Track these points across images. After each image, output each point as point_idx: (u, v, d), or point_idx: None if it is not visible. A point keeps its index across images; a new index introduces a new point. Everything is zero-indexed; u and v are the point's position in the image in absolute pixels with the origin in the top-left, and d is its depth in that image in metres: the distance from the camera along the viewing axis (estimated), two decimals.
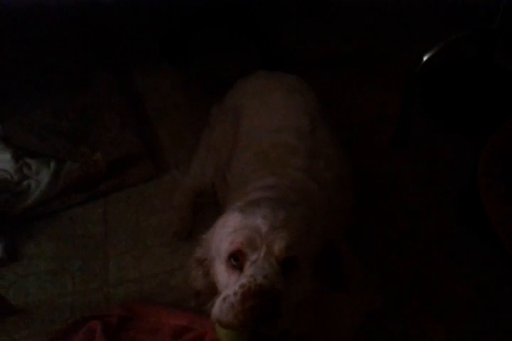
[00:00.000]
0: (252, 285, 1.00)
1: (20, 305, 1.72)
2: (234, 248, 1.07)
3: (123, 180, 2.00)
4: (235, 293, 1.01)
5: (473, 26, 1.85)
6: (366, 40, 2.38)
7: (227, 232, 1.12)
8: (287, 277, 1.05)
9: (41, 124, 2.19)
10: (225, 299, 1.03)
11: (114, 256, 1.84)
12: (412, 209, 1.87)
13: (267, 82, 1.80)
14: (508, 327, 1.58)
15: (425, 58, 1.66)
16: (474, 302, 1.63)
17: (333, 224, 1.30)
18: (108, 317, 1.64)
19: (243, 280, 1.02)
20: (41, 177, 1.97)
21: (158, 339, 1.60)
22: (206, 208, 1.90)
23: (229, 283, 1.07)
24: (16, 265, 1.84)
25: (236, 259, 1.08)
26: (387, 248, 1.77)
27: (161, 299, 1.70)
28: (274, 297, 0.99)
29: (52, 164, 2.00)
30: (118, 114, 2.20)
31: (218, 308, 1.05)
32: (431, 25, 2.31)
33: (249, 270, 1.04)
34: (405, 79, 1.76)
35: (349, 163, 1.67)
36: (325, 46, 2.37)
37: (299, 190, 1.36)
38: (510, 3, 1.64)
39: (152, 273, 1.78)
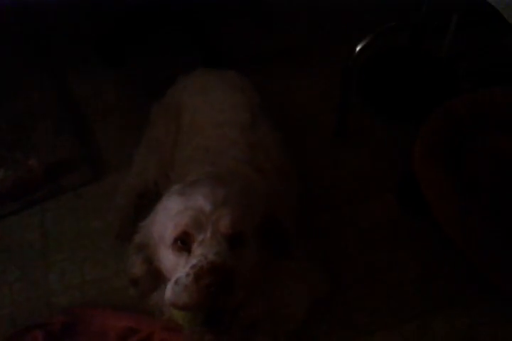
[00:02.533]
0: (204, 263, 1.02)
1: None
2: (179, 231, 1.08)
3: (60, 185, 1.94)
4: (188, 274, 1.02)
5: (403, 16, 1.92)
6: (302, 36, 2.42)
7: (169, 216, 1.12)
8: (235, 252, 1.07)
9: None
10: (177, 282, 1.04)
11: (54, 263, 1.78)
12: (354, 197, 1.90)
13: (208, 78, 1.81)
14: (448, 306, 1.63)
15: (358, 48, 1.71)
16: (416, 284, 1.68)
17: (276, 207, 1.31)
18: (50, 325, 1.59)
19: (193, 260, 1.03)
20: None
21: None
22: (149, 210, 1.87)
23: (178, 266, 1.08)
24: None
25: (183, 242, 1.08)
26: (330, 236, 1.79)
27: (106, 302, 1.66)
28: (227, 272, 1.01)
29: None
30: (53, 118, 2.13)
31: (171, 292, 1.06)
32: (365, 20, 2.38)
33: (198, 250, 1.05)
34: (341, 70, 1.79)
35: (289, 155, 1.68)
36: (261, 43, 2.39)
37: (238, 177, 1.37)
38: None
39: (95, 277, 1.74)
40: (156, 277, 1.19)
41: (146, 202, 1.85)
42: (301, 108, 2.20)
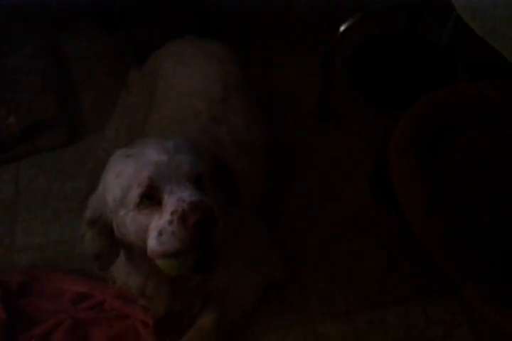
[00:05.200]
0: (185, 205, 1.03)
1: None
2: (144, 187, 1.07)
3: (37, 144, 1.95)
4: (171, 221, 1.03)
5: None
6: (302, 12, 2.35)
7: (127, 178, 1.10)
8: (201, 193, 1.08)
9: None
10: (160, 232, 1.05)
11: (21, 221, 1.81)
12: (329, 182, 1.86)
13: (189, 47, 1.77)
14: (404, 301, 1.60)
15: (341, 29, 1.64)
16: (376, 275, 1.65)
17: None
18: (7, 283, 1.61)
19: (171, 208, 1.04)
20: None
21: (58, 304, 1.58)
22: None
23: (152, 223, 1.07)
24: None
25: (150, 198, 1.08)
26: (298, 219, 1.76)
27: (65, 266, 1.68)
28: (207, 208, 1.03)
29: None
30: (40, 77, 2.13)
31: (156, 244, 1.06)
32: None
33: (171, 198, 1.06)
34: (323, 51, 1.72)
35: (260, 133, 1.64)
36: (259, 19, 2.33)
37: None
38: None
39: (58, 239, 1.76)
40: (115, 247, 1.19)
41: None
42: (289, 87, 2.14)
